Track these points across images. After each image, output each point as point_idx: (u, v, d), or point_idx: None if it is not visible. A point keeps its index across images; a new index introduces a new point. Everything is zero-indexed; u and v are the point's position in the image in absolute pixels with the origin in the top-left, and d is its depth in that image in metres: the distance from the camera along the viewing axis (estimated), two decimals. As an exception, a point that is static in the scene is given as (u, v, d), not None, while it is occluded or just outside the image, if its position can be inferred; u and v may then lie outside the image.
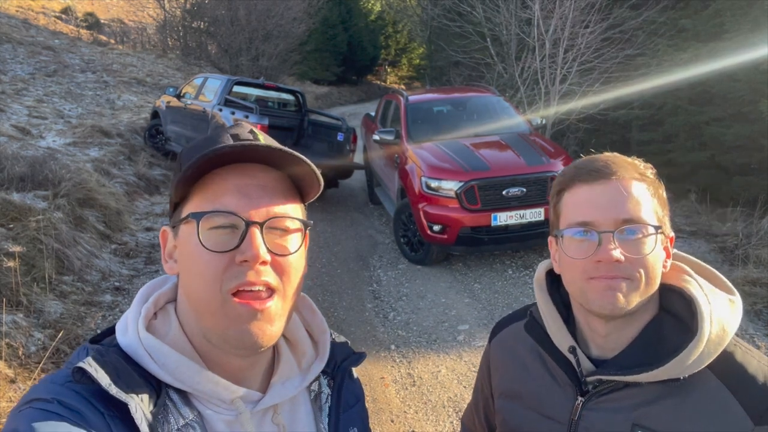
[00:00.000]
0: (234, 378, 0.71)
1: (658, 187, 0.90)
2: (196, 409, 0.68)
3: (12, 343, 3.47)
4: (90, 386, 0.62)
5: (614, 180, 0.86)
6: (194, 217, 0.67)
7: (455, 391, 3.54)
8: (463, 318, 4.57)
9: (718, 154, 8.21)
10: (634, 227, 0.84)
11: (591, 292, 0.86)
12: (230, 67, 17.75)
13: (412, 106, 6.92)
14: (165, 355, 0.68)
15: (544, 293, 1.00)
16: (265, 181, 0.70)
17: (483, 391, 1.15)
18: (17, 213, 4.82)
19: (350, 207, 8.19)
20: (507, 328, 1.11)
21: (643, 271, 0.84)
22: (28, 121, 9.19)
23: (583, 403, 0.91)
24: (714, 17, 8.32)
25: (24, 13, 18.69)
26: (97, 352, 0.66)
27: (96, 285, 4.77)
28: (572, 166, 0.93)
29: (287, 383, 0.76)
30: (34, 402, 0.60)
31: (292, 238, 0.71)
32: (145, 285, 0.79)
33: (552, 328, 0.96)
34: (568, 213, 0.90)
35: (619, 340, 0.90)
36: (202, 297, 0.67)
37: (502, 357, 1.09)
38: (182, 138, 8.82)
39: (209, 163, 0.67)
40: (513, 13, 10.54)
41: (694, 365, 0.82)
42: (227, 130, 0.73)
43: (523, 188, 5.29)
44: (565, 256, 0.90)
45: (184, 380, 0.67)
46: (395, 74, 36.06)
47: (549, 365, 0.98)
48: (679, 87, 8.31)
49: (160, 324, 0.73)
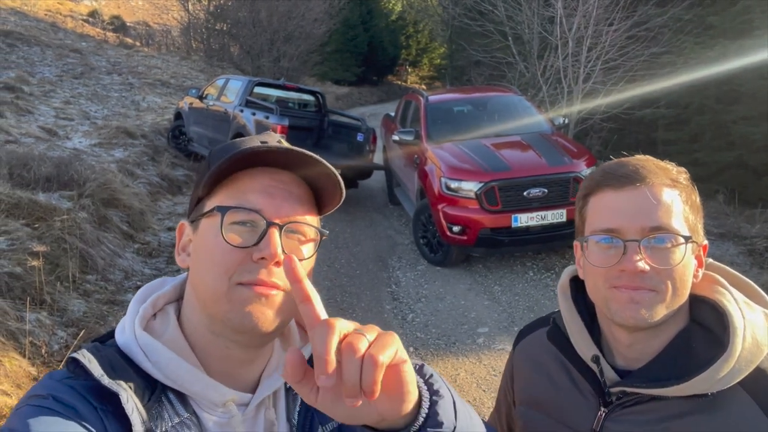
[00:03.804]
0: (230, 376, 0.72)
1: (691, 193, 0.85)
2: (192, 408, 0.69)
3: (35, 341, 3.52)
4: (85, 382, 0.63)
5: (643, 186, 0.83)
6: (220, 211, 0.69)
7: (474, 395, 3.49)
8: (482, 320, 4.52)
9: (747, 154, 8.00)
10: (663, 236, 0.81)
11: (614, 302, 0.83)
12: (252, 68, 17.90)
13: (432, 106, 6.88)
14: (158, 353, 0.68)
15: (568, 300, 0.96)
16: (290, 187, 0.72)
17: (506, 398, 1.13)
18: (43, 213, 4.91)
19: (369, 207, 8.18)
20: (530, 335, 1.08)
21: (670, 282, 0.81)
22: (55, 122, 9.38)
23: (606, 414, 0.88)
24: (742, 14, 8.12)
25: (52, 17, 19.10)
26: (95, 347, 0.68)
27: (119, 284, 4.84)
28: (600, 170, 0.89)
29: (274, 375, 0.76)
30: (32, 399, 0.62)
31: (306, 246, 0.73)
32: (143, 287, 0.80)
33: (575, 337, 0.93)
34: (594, 219, 0.87)
35: (645, 351, 0.86)
36: (210, 285, 0.68)
37: (525, 364, 1.06)
38: (204, 139, 8.91)
39: (241, 162, 0.70)
40: (535, 11, 10.42)
41: (724, 381, 0.78)
42: (256, 136, 0.76)
43: (544, 189, 5.22)
44: (589, 263, 0.86)
45: (175, 379, 0.68)
46: (416, 74, 35.97)
47: (572, 374, 0.95)
48: (706, 85, 8.13)
49: (158, 324, 0.74)
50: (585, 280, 0.91)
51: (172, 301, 0.78)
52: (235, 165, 0.70)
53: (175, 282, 0.79)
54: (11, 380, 3.17)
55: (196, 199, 0.76)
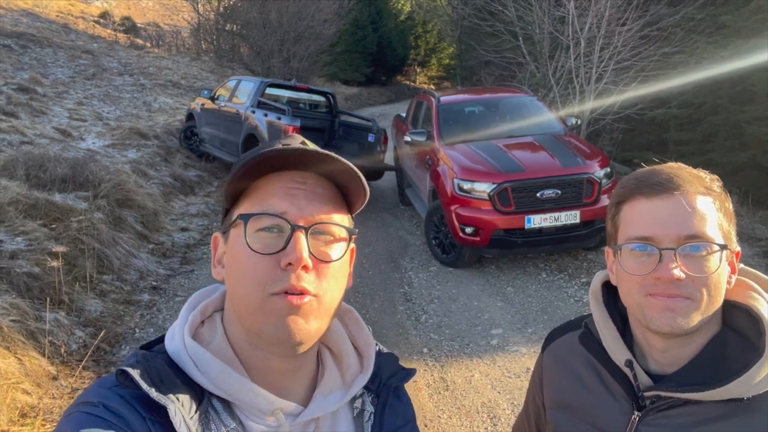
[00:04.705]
0: (276, 388, 0.71)
1: (724, 201, 0.86)
2: (238, 418, 0.69)
3: (54, 341, 3.57)
4: (134, 390, 0.63)
5: (678, 194, 0.83)
6: (242, 219, 0.68)
7: (489, 397, 3.50)
8: (496, 322, 4.52)
9: (760, 155, 7.94)
10: (698, 244, 0.81)
11: (649, 309, 0.83)
12: (262, 68, 17.97)
13: (444, 107, 6.88)
14: (207, 363, 0.68)
15: (600, 305, 0.97)
16: (313, 188, 0.71)
17: (535, 401, 1.13)
18: (59, 213, 4.97)
19: (381, 208, 8.19)
20: (560, 339, 1.09)
21: (706, 290, 0.81)
22: (68, 123, 9.47)
23: (640, 418, 0.89)
24: (756, 13, 8.07)
25: (64, 18, 19.27)
26: (144, 357, 0.68)
27: (134, 284, 4.88)
28: (633, 178, 0.90)
29: (330, 396, 0.75)
30: (82, 405, 0.63)
31: (336, 246, 0.72)
32: (195, 293, 0.80)
33: (608, 341, 0.93)
34: (628, 227, 0.87)
35: (679, 356, 0.87)
36: (244, 297, 0.67)
37: (555, 368, 1.07)
38: (216, 140, 8.97)
39: (258, 166, 0.69)
40: (546, 11, 10.38)
41: (759, 386, 0.79)
42: (279, 140, 0.74)
43: (557, 190, 5.21)
44: (623, 271, 0.87)
45: (224, 388, 0.68)
46: (425, 74, 35.95)
47: (604, 378, 0.95)
48: (719, 85, 8.08)
49: (206, 332, 0.74)
50: (618, 286, 0.91)
51: (219, 309, 0.77)
52: (252, 171, 0.69)
53: (223, 289, 0.78)
54: (31, 379, 3.21)
55: (225, 211, 0.75)
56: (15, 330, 3.39)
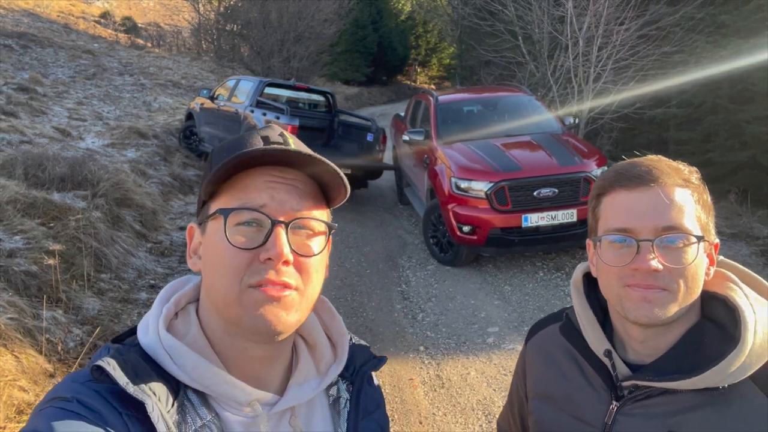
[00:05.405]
0: (253, 378, 0.72)
1: (702, 193, 0.87)
2: (214, 410, 0.69)
3: (51, 339, 3.58)
4: (109, 385, 0.62)
5: (656, 187, 0.84)
6: (222, 213, 0.68)
7: (484, 394, 3.50)
8: (492, 320, 4.53)
9: (760, 154, 7.92)
10: (675, 235, 0.82)
11: (627, 300, 0.85)
12: (262, 68, 17.99)
13: (442, 106, 6.88)
14: (183, 356, 0.68)
15: (581, 296, 0.98)
16: (293, 183, 0.71)
17: (518, 392, 1.14)
18: (58, 212, 4.98)
19: (379, 207, 8.20)
20: (543, 330, 1.10)
21: (683, 281, 0.82)
22: (68, 122, 9.49)
23: (618, 407, 0.89)
24: (756, 12, 8.05)
25: (65, 18, 19.31)
26: (117, 351, 0.67)
27: (132, 283, 4.89)
28: (613, 170, 0.91)
29: (305, 385, 0.76)
30: (55, 401, 0.61)
31: (315, 240, 0.72)
32: (167, 285, 0.79)
33: (588, 332, 0.94)
34: (607, 218, 0.89)
35: (657, 346, 0.88)
36: (221, 289, 0.67)
37: (537, 359, 1.08)
38: (215, 139, 8.98)
39: (240, 164, 0.68)
40: (545, 11, 10.38)
41: (735, 375, 0.79)
42: (258, 131, 0.74)
43: (554, 189, 5.21)
44: (602, 262, 0.88)
45: (201, 381, 0.67)
46: (425, 74, 35.97)
47: (584, 368, 0.96)
48: (718, 84, 8.06)
49: (181, 324, 0.74)
50: (598, 277, 0.92)
51: (193, 300, 0.77)
52: (234, 168, 0.69)
53: (196, 281, 0.79)
54: (28, 376, 3.22)
55: (201, 202, 0.75)
56: (12, 328, 3.40)
